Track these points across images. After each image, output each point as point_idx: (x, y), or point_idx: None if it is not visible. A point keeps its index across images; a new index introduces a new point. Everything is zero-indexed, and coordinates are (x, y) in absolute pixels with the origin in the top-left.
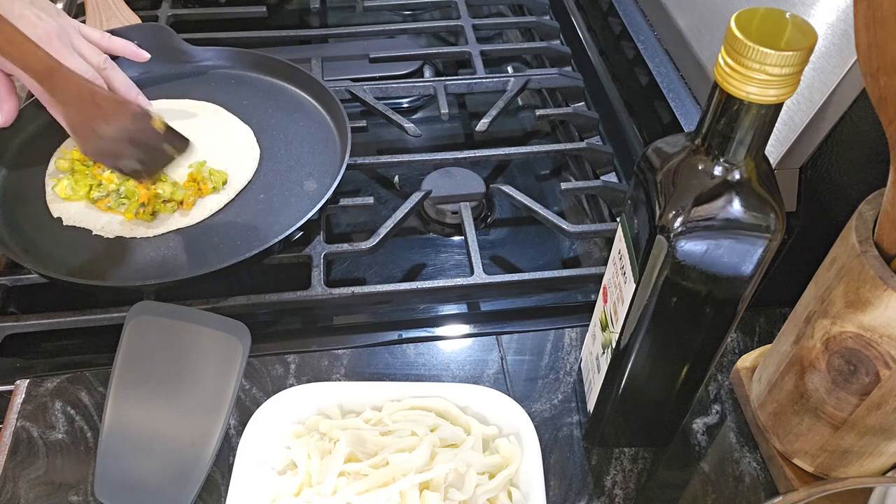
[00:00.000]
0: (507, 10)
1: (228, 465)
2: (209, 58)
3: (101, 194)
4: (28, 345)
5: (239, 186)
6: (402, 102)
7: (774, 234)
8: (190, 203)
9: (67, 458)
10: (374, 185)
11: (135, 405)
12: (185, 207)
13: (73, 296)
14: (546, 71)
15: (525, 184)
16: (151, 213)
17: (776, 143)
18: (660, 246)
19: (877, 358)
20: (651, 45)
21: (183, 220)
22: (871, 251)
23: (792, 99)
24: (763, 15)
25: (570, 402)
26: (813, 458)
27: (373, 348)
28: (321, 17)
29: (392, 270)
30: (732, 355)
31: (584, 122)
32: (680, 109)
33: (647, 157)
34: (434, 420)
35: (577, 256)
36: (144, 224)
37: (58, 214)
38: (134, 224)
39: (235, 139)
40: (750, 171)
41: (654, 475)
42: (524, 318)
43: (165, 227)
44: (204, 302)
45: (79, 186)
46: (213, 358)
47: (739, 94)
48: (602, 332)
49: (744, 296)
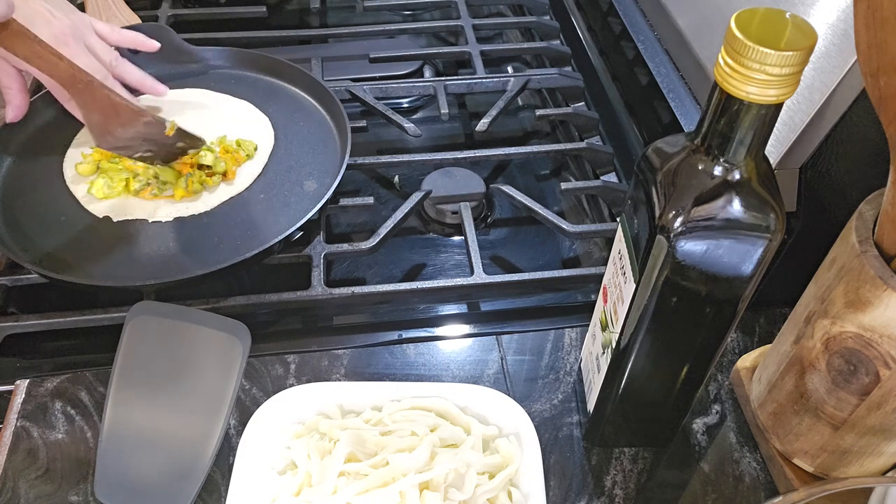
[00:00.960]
0: (507, 10)
1: (228, 465)
2: (209, 58)
3: (141, 184)
4: (28, 345)
5: (267, 152)
6: (402, 102)
7: (774, 234)
8: (233, 172)
9: (67, 458)
10: (374, 185)
11: (135, 405)
12: (230, 177)
13: (73, 296)
14: (546, 71)
15: (525, 184)
16: (200, 183)
17: (776, 143)
18: (660, 246)
19: (877, 358)
20: (651, 45)
21: (231, 190)
22: (871, 251)
23: (792, 99)
24: (763, 15)
25: (570, 402)
26: (813, 458)
27: (373, 348)
28: (321, 17)
29: (392, 270)
30: (732, 355)
31: (584, 122)
32: (680, 109)
33: (647, 157)
34: (434, 420)
35: (577, 256)
36: (196, 200)
37: (103, 214)
38: (188, 203)
39: (243, 114)
40: (750, 171)
41: (654, 475)
42: (524, 318)
43: (217, 199)
44: (204, 302)
45: (115, 183)
46: (213, 358)
47: (739, 94)
48: (602, 332)
49: (744, 296)
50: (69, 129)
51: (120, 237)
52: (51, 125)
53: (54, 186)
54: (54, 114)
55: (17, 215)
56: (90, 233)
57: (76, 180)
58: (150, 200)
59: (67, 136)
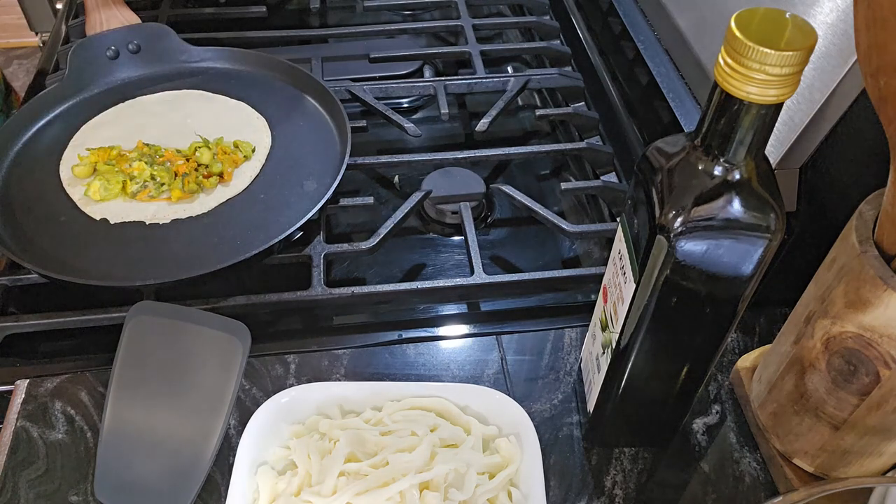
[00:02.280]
0: (507, 10)
1: (228, 465)
2: (209, 58)
3: (137, 186)
4: (28, 345)
5: (265, 152)
6: (402, 102)
7: (774, 234)
8: (229, 174)
9: (67, 458)
10: (374, 185)
11: (135, 405)
12: (226, 179)
13: (73, 296)
14: (546, 71)
15: (525, 184)
16: (196, 184)
17: (776, 143)
18: (660, 246)
19: (877, 358)
20: (651, 45)
21: (227, 192)
22: (871, 251)
23: (792, 99)
24: (763, 15)
25: (570, 402)
26: (813, 458)
27: (373, 348)
28: (321, 17)
29: (392, 270)
30: (732, 355)
31: (584, 122)
32: (680, 109)
33: (647, 157)
34: (434, 420)
35: (577, 256)
36: (193, 202)
37: (100, 216)
38: (185, 204)
39: (241, 116)
40: (750, 171)
41: (654, 475)
42: (524, 318)
43: (215, 201)
44: (204, 302)
45: (112, 185)
46: (213, 358)
47: (739, 94)
48: (602, 332)
49: (744, 296)
50: (67, 130)
51: (119, 238)
52: (50, 125)
53: (51, 188)
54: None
55: (17, 215)
56: (89, 234)
57: (73, 182)
58: (148, 202)
59: (65, 137)
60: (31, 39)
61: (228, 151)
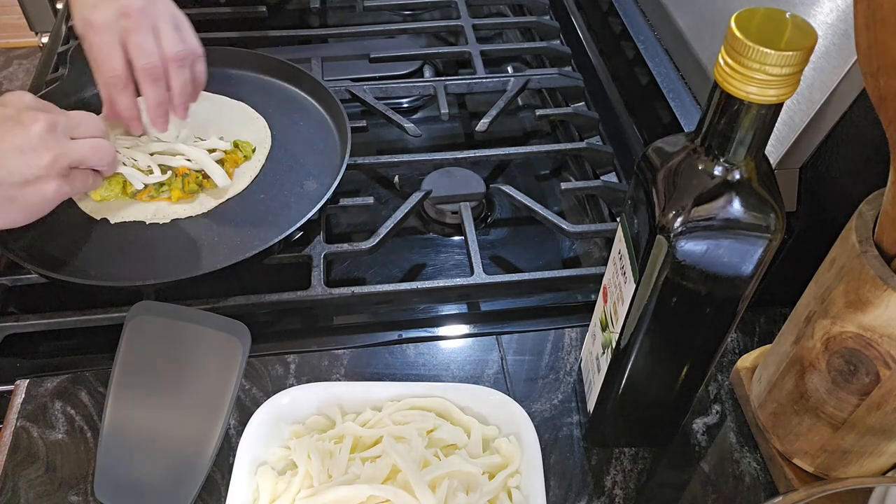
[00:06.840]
0: (507, 10)
1: (228, 465)
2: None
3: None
4: (28, 345)
5: (265, 152)
6: (402, 102)
7: (774, 234)
8: (230, 174)
9: (67, 458)
10: (374, 185)
11: (135, 405)
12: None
13: (73, 296)
14: (546, 71)
15: (525, 184)
16: (196, 184)
17: (776, 143)
18: (660, 246)
19: (877, 358)
20: (651, 45)
21: (229, 191)
22: (871, 251)
23: (792, 99)
24: (763, 15)
25: (570, 402)
26: (813, 458)
27: (373, 348)
28: (321, 17)
29: (392, 270)
30: (732, 355)
31: (584, 122)
32: (680, 109)
33: (647, 157)
34: (434, 420)
35: (577, 256)
36: (193, 202)
37: (101, 216)
38: (185, 204)
39: (241, 116)
40: (750, 171)
41: (654, 475)
42: (524, 318)
43: (215, 201)
44: (204, 302)
45: (112, 185)
46: (213, 358)
47: (739, 94)
48: (602, 332)
49: (744, 296)
50: None
51: (119, 238)
52: None
53: None
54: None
55: None
56: (89, 234)
57: None
58: (148, 202)
59: None
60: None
61: (228, 152)
